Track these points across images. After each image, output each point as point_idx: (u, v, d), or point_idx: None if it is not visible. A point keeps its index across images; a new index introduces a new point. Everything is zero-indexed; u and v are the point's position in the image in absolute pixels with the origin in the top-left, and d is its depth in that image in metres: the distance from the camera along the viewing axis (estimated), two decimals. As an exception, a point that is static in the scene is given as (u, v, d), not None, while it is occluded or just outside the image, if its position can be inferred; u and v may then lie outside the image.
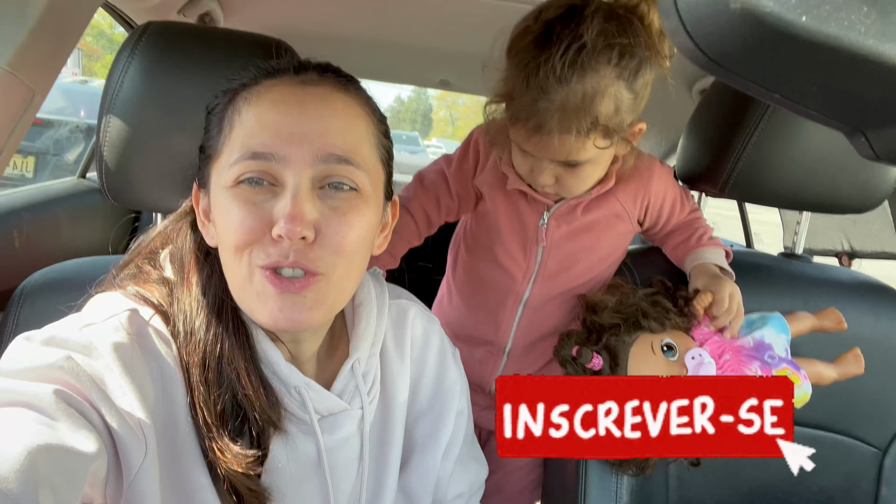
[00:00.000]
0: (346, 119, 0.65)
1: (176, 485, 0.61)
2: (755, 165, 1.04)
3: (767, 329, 0.98)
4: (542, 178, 0.97)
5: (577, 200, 1.04)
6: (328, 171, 0.63)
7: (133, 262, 0.72)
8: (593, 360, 0.93)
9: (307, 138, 0.62)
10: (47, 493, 0.44)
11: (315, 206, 0.62)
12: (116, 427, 0.54)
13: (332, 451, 0.71)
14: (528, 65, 0.86)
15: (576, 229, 1.07)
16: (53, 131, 3.99)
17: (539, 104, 0.86)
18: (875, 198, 1.09)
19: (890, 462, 1.12)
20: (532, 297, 1.10)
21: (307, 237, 0.60)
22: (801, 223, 1.23)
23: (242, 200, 0.62)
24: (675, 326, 0.96)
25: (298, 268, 0.61)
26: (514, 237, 1.09)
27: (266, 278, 0.61)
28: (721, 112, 1.10)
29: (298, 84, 0.65)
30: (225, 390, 0.63)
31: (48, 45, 0.92)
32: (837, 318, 1.04)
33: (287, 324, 0.62)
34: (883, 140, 0.24)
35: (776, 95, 0.23)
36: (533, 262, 1.09)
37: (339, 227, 0.63)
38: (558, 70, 0.84)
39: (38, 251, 1.28)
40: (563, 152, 0.91)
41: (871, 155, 0.26)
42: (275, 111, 0.63)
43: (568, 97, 0.85)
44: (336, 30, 1.79)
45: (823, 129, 1.01)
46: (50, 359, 0.53)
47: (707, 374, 0.91)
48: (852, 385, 1.09)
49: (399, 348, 0.81)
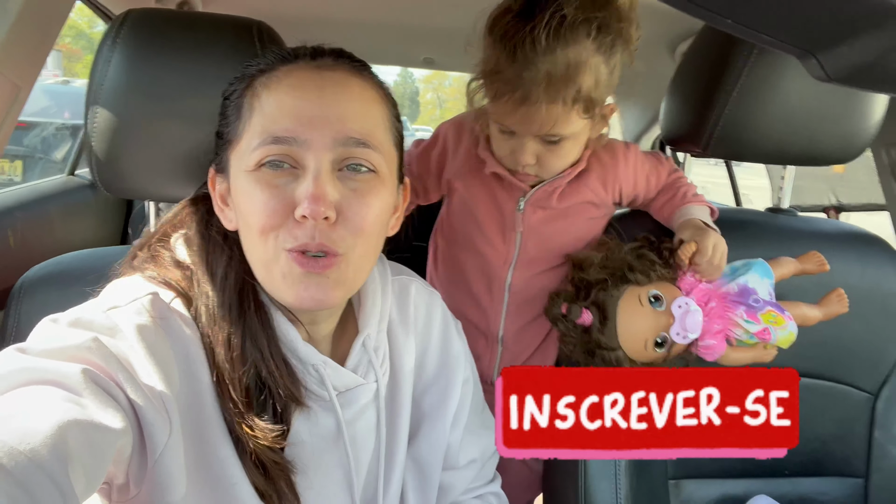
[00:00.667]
0: (363, 103, 0.68)
1: (202, 461, 0.63)
2: (736, 122, 1.05)
3: (751, 274, 1.00)
4: (525, 156, 0.98)
5: (552, 186, 1.06)
6: (347, 153, 0.65)
7: (147, 245, 0.73)
8: (583, 316, 0.95)
9: (327, 122, 0.64)
10: (77, 467, 0.45)
11: (336, 188, 0.64)
12: (142, 405, 0.55)
13: (350, 424, 0.73)
14: (514, 37, 0.88)
15: (552, 215, 1.08)
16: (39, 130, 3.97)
17: (525, 75, 0.88)
18: (856, 147, 1.11)
19: (882, 406, 1.14)
20: (515, 281, 1.11)
21: (330, 217, 0.62)
22: (786, 178, 1.24)
23: (265, 184, 0.64)
24: (662, 277, 0.98)
25: (322, 250, 0.63)
26: (493, 224, 1.10)
27: (293, 259, 0.63)
28: (701, 71, 1.11)
29: (315, 69, 0.67)
30: (249, 368, 0.65)
31: (30, 39, 0.92)
32: (819, 260, 1.06)
33: (311, 303, 0.65)
34: (833, 61, 0.25)
35: (729, 21, 0.24)
36: (512, 248, 1.10)
37: (359, 207, 0.65)
38: (543, 41, 0.86)
39: (33, 248, 1.29)
40: (548, 123, 0.92)
41: (823, 76, 0.27)
42: (294, 96, 0.65)
43: (554, 66, 0.87)
44: (315, 11, 1.78)
45: (802, 83, 1.03)
46: (77, 340, 0.55)
47: (693, 320, 0.93)
48: (842, 333, 1.12)
49: (403, 322, 0.84)
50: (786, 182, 1.24)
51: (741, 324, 0.97)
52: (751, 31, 0.25)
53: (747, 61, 1.01)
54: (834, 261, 1.11)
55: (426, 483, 0.83)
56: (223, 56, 0.87)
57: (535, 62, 0.87)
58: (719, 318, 0.97)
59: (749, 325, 0.96)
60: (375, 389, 0.76)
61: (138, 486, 0.58)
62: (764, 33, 0.25)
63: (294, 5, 1.68)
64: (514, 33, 0.88)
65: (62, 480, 0.43)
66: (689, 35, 1.71)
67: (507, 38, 0.89)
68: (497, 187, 1.09)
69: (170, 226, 0.76)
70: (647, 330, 0.95)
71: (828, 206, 2.10)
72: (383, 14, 1.85)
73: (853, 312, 1.11)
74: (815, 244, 1.12)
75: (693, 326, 0.94)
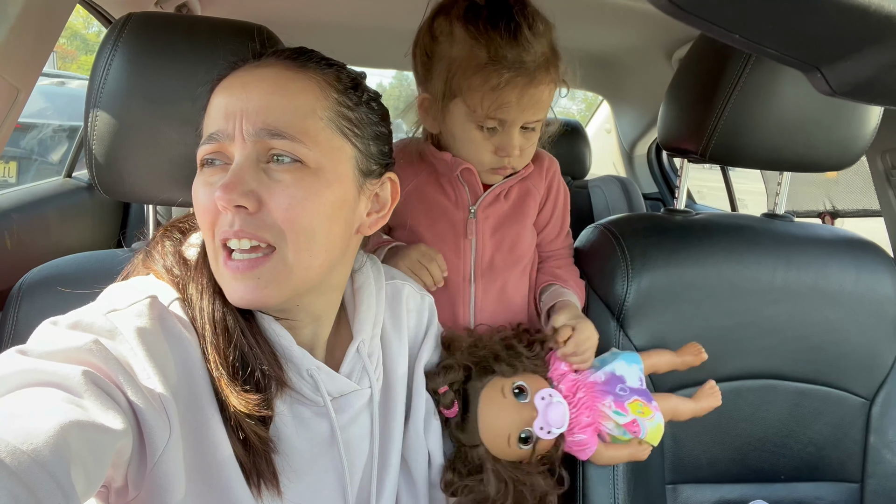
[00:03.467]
0: (288, 95, 0.66)
1: (201, 464, 0.63)
2: (733, 128, 1.06)
3: (618, 362, 0.97)
4: (514, 147, 0.98)
5: (500, 188, 1.06)
6: (268, 145, 0.65)
7: (153, 247, 0.74)
8: (453, 407, 0.88)
9: (246, 115, 0.64)
10: (78, 467, 0.46)
11: (257, 178, 0.64)
12: (142, 407, 0.56)
13: (344, 429, 0.74)
14: (510, 24, 0.90)
15: (501, 215, 1.08)
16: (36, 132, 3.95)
17: (526, 57, 0.91)
18: (852, 154, 1.12)
19: (877, 411, 1.15)
20: (478, 292, 1.07)
21: (248, 206, 0.62)
22: (782, 183, 1.25)
23: (202, 183, 0.67)
24: (528, 370, 0.93)
25: (244, 238, 0.63)
26: (446, 240, 1.06)
27: (223, 263, 0.65)
28: (698, 78, 1.12)
29: (253, 68, 0.69)
30: (235, 344, 0.66)
31: (29, 42, 0.92)
32: (696, 349, 1.04)
33: (245, 303, 0.66)
34: (837, 75, 0.26)
35: (736, 36, 0.25)
36: (469, 258, 1.07)
37: (282, 198, 0.64)
38: (539, 25, 0.92)
39: (30, 251, 1.29)
40: (543, 104, 0.96)
41: (828, 90, 0.28)
42: (226, 95, 0.67)
43: (547, 48, 0.94)
44: (313, 15, 1.78)
45: (799, 89, 1.04)
46: (77, 342, 0.55)
47: (557, 413, 0.88)
48: (837, 338, 1.13)
49: (396, 326, 0.84)
50: (782, 188, 1.25)
51: (611, 415, 0.92)
52: (756, 46, 0.26)
53: (744, 68, 1.02)
54: (830, 266, 1.12)
55: (413, 485, 0.84)
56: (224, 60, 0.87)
57: (533, 45, 0.91)
58: (588, 410, 0.93)
59: (618, 417, 0.92)
60: (369, 395, 0.77)
61: (137, 489, 0.58)
62: (769, 48, 0.25)
63: (292, 9, 1.69)
64: (508, 21, 0.90)
65: (64, 480, 0.44)
66: (686, 41, 1.72)
67: (502, 26, 0.90)
68: (444, 201, 1.06)
69: (175, 227, 0.76)
70: (510, 424, 0.88)
71: (823, 211, 2.11)
72: (380, 18, 1.85)
73: (848, 318, 1.12)
74: (811, 249, 1.13)
75: (557, 420, 0.87)
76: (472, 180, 1.04)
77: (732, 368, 1.11)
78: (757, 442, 1.13)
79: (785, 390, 1.13)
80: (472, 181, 1.05)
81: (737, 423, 1.12)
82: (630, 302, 1.06)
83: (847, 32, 0.23)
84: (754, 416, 1.12)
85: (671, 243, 1.10)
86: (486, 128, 0.97)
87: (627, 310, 1.06)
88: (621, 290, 1.06)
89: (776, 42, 0.25)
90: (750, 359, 1.11)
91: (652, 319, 1.07)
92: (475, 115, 0.96)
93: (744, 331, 1.10)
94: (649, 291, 1.06)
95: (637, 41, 1.84)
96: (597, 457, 0.94)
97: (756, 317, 1.10)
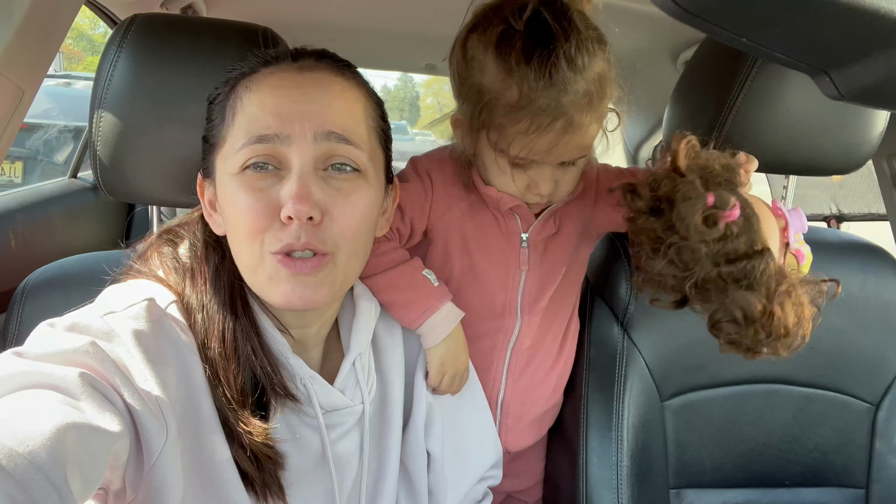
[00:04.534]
0: (344, 101, 0.68)
1: (199, 466, 0.63)
2: (739, 132, 1.05)
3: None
4: (546, 186, 0.89)
5: (550, 213, 0.98)
6: (330, 150, 0.65)
7: (150, 250, 0.74)
8: (733, 210, 0.72)
9: (308, 116, 0.64)
10: (75, 469, 0.46)
11: (320, 188, 0.64)
12: (139, 409, 0.56)
13: (334, 444, 0.73)
14: (545, 62, 0.77)
15: (550, 240, 1.00)
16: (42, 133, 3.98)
17: (564, 99, 0.78)
18: (858, 157, 1.11)
19: (882, 416, 1.14)
20: (523, 326, 1.00)
21: (314, 217, 0.62)
22: (788, 187, 1.24)
23: (249, 187, 0.64)
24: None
25: (309, 249, 0.63)
26: (496, 270, 0.98)
27: (278, 262, 0.64)
28: (704, 80, 1.11)
29: (297, 70, 0.68)
30: (243, 365, 0.65)
31: (35, 43, 0.92)
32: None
33: (299, 302, 0.65)
34: (845, 79, 0.26)
35: (743, 40, 0.25)
36: (517, 288, 0.99)
37: (344, 207, 0.65)
38: (578, 59, 0.78)
39: (35, 251, 1.29)
40: (585, 144, 0.85)
41: (836, 94, 0.27)
42: (275, 95, 0.65)
43: (590, 84, 0.80)
44: (318, 17, 1.79)
45: (804, 92, 1.03)
46: (74, 344, 0.55)
47: (800, 217, 0.81)
48: (844, 343, 1.12)
49: (391, 333, 0.84)
50: (788, 192, 1.24)
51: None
52: (764, 50, 0.26)
53: (751, 70, 1.01)
54: (835, 271, 1.11)
55: (414, 492, 0.84)
56: (229, 62, 0.87)
57: (573, 84, 0.78)
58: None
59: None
60: (361, 411, 0.76)
61: (135, 491, 0.58)
62: (778, 52, 0.25)
63: (297, 11, 1.69)
64: (544, 55, 0.77)
65: (60, 483, 0.44)
66: (692, 43, 1.71)
67: (535, 61, 0.77)
68: (495, 228, 0.98)
69: (174, 231, 0.76)
70: (776, 228, 0.78)
71: (828, 215, 2.11)
72: (386, 21, 1.86)
73: (854, 323, 1.12)
74: (817, 254, 1.12)
75: (803, 224, 0.79)
76: (522, 211, 0.96)
77: (737, 373, 1.11)
78: (761, 447, 1.12)
79: (790, 395, 1.12)
80: (521, 212, 0.97)
81: (741, 428, 1.12)
82: (634, 306, 1.06)
83: (856, 37, 0.23)
84: (759, 421, 1.12)
85: (676, 247, 1.09)
86: (516, 164, 0.87)
87: (632, 314, 1.06)
88: (625, 294, 1.06)
89: (784, 46, 0.25)
90: (754, 364, 1.09)
91: (656, 323, 1.07)
92: (503, 154, 0.86)
93: (748, 335, 1.09)
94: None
95: (642, 43, 1.84)
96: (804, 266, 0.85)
97: (761, 321, 1.09)
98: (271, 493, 0.65)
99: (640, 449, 1.03)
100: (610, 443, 1.02)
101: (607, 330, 1.07)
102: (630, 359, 1.06)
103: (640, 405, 1.05)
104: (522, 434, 1.09)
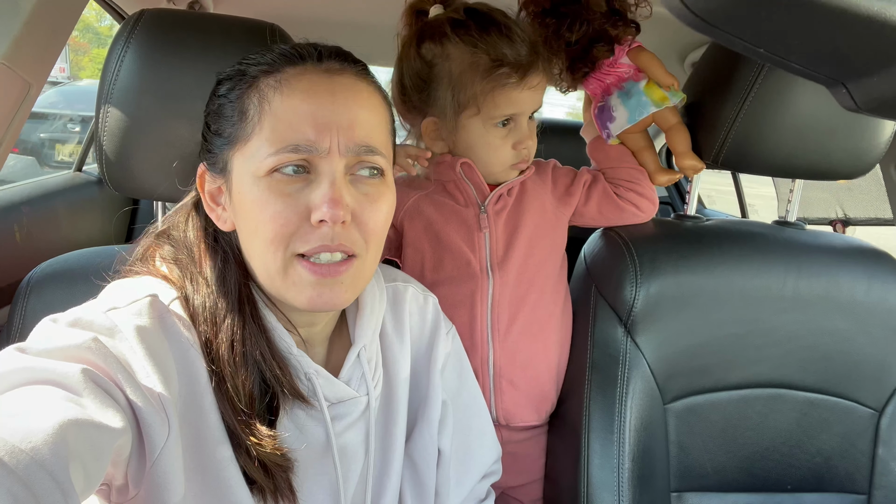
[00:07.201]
0: (370, 109, 0.69)
1: (200, 463, 0.63)
2: (746, 135, 1.05)
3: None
4: (529, 136, 1.04)
5: (504, 188, 1.09)
6: (359, 158, 0.67)
7: (145, 247, 0.74)
8: None
9: (340, 129, 0.65)
10: (77, 465, 0.46)
11: (349, 192, 0.66)
12: (141, 406, 0.56)
13: (340, 436, 0.73)
14: (502, 28, 0.98)
15: (511, 210, 1.10)
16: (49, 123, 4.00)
17: (522, 51, 0.98)
18: (866, 163, 1.10)
19: (886, 422, 1.14)
20: (496, 284, 1.07)
21: (346, 221, 0.64)
22: (794, 191, 1.24)
23: (278, 193, 0.64)
24: None
25: (340, 251, 0.65)
26: (460, 234, 1.09)
27: (305, 268, 0.65)
28: (711, 83, 1.11)
29: (324, 73, 0.68)
30: (251, 371, 0.65)
31: (42, 36, 0.92)
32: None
33: (325, 305, 0.66)
34: (862, 90, 0.25)
35: (760, 50, 0.24)
36: (483, 250, 1.08)
37: (371, 211, 0.68)
38: (516, 25, 1.00)
39: (40, 245, 1.29)
40: (542, 91, 1.03)
41: (853, 105, 0.27)
42: (308, 101, 0.65)
43: (535, 38, 1.01)
44: (325, 13, 1.78)
45: (813, 96, 1.02)
46: (77, 340, 0.55)
47: None
48: (848, 348, 1.12)
49: (398, 330, 0.84)
50: (794, 195, 1.24)
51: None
52: (781, 60, 0.25)
53: (758, 74, 1.01)
54: (841, 276, 1.11)
55: (422, 488, 0.83)
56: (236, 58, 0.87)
57: (525, 39, 0.98)
58: None
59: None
60: (366, 403, 0.76)
61: (137, 487, 0.58)
62: (794, 63, 0.25)
63: (304, 7, 1.69)
64: (497, 25, 0.98)
65: (63, 479, 0.44)
66: (699, 45, 1.70)
67: (493, 30, 0.98)
68: (452, 204, 1.10)
69: (171, 225, 0.76)
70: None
71: (834, 219, 2.10)
72: (393, 17, 1.85)
73: (859, 328, 1.11)
74: (822, 258, 1.12)
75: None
76: (476, 179, 1.07)
77: (740, 377, 1.10)
78: (764, 451, 1.12)
79: (793, 400, 1.12)
80: (476, 180, 1.07)
81: (744, 432, 1.11)
82: (638, 308, 1.05)
83: (876, 49, 0.22)
84: (762, 425, 1.12)
85: (681, 249, 1.09)
86: (502, 124, 1.02)
87: (636, 316, 1.06)
88: (630, 295, 1.05)
89: (802, 57, 0.25)
90: (758, 367, 1.10)
91: (660, 326, 1.06)
92: (491, 118, 1.01)
93: (752, 339, 1.09)
94: (658, 298, 1.06)
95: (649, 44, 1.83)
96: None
97: (765, 325, 1.09)
98: (283, 496, 0.66)
99: (642, 451, 1.03)
100: (612, 445, 1.02)
101: (610, 332, 1.06)
102: (633, 361, 1.05)
103: (643, 408, 1.04)
104: (519, 407, 1.11)
